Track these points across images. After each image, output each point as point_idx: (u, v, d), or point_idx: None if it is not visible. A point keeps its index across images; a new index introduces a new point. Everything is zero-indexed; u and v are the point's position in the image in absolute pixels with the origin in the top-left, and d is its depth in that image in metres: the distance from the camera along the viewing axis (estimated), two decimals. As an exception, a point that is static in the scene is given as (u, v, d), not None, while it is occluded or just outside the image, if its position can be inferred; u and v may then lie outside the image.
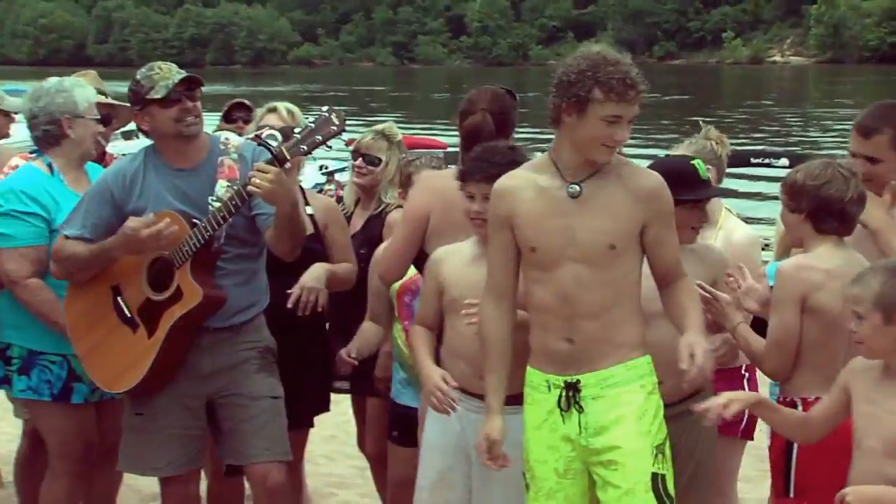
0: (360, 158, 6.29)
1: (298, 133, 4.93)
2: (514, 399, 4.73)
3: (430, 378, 4.83)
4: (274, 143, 5.01)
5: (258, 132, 5.64)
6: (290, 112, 6.13)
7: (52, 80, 5.89)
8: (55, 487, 5.79)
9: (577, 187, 4.32)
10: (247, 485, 5.62)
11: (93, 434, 5.74)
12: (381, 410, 6.15)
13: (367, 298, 5.79)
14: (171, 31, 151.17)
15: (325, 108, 5.01)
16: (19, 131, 6.42)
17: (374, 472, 6.72)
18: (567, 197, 4.33)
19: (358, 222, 6.34)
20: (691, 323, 4.35)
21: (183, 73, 5.13)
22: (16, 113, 6.69)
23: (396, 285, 5.73)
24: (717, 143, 5.97)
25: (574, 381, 4.35)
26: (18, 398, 5.99)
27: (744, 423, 5.95)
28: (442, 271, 4.95)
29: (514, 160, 4.76)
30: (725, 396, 4.26)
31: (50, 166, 5.68)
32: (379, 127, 6.44)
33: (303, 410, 5.89)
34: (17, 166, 6.02)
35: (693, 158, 5.04)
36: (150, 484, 6.41)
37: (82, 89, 5.77)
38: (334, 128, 4.91)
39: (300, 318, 5.61)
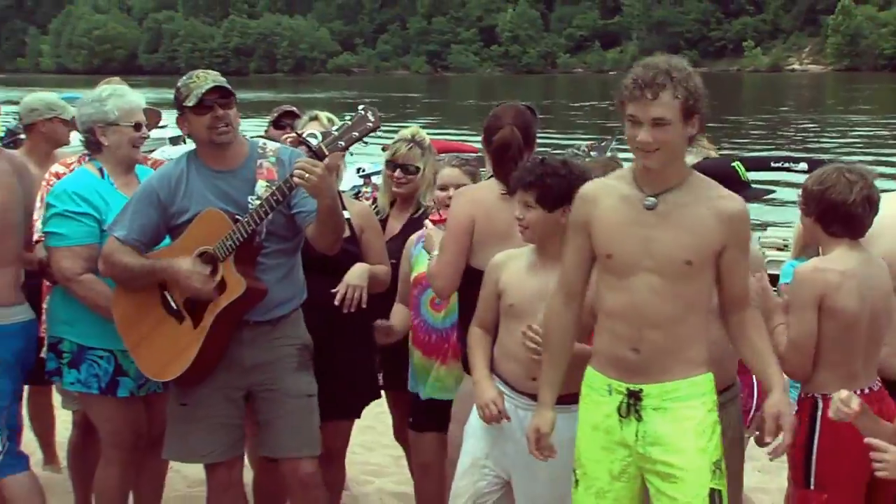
0: (398, 169, 6.21)
1: (336, 130, 4.97)
2: (562, 399, 4.76)
3: (485, 392, 4.84)
4: (314, 141, 5.03)
5: (299, 132, 5.68)
6: (330, 120, 6.15)
7: (95, 90, 5.92)
8: (108, 474, 5.84)
9: (654, 199, 4.22)
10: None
11: (141, 424, 5.76)
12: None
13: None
14: (217, 41, 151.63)
15: (360, 107, 5.04)
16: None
17: (409, 460, 6.77)
18: (645, 209, 4.24)
19: (396, 225, 6.28)
20: (774, 379, 4.29)
21: (212, 83, 5.12)
22: None
23: (412, 274, 5.81)
24: (713, 152, 5.96)
25: (637, 389, 4.26)
26: (69, 390, 6.03)
27: (751, 415, 5.94)
28: (501, 276, 4.91)
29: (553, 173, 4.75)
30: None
31: (101, 170, 5.70)
32: (408, 134, 6.35)
33: (353, 401, 5.96)
34: (57, 174, 6.09)
35: (734, 160, 5.00)
36: (196, 470, 6.43)
37: (118, 98, 5.74)
38: (370, 124, 4.94)
39: (347, 315, 5.62)
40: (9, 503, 5.58)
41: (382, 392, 6.41)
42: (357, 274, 5.61)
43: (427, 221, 5.76)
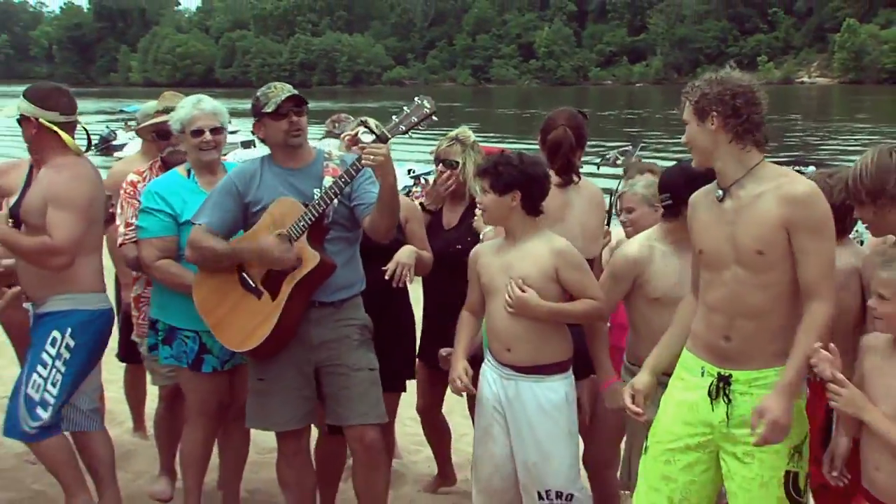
0: (441, 164, 6.26)
1: (396, 118, 5.03)
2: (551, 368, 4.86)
3: (455, 368, 5.01)
4: (375, 129, 5.12)
5: (362, 119, 5.74)
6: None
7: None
8: (193, 438, 5.94)
9: (721, 192, 4.20)
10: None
11: (224, 396, 5.85)
12: (434, 379, 6.32)
13: (459, 281, 5.68)
14: (284, 56, 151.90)
15: (417, 97, 5.10)
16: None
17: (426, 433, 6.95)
18: (717, 202, 4.23)
19: (453, 218, 6.26)
20: (791, 365, 4.08)
21: (288, 93, 5.23)
22: None
23: None
24: None
25: (727, 374, 4.22)
26: (157, 368, 6.19)
27: None
28: (479, 261, 5.06)
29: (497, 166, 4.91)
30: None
31: (188, 171, 5.82)
32: (453, 133, 6.40)
33: (398, 377, 6.01)
34: (132, 182, 6.17)
35: None
36: (265, 437, 6.48)
37: (177, 112, 5.85)
38: (426, 110, 5.00)
39: (392, 302, 5.74)
40: (85, 451, 5.78)
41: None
42: (406, 253, 5.65)
43: (478, 209, 5.79)
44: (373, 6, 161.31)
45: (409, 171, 20.04)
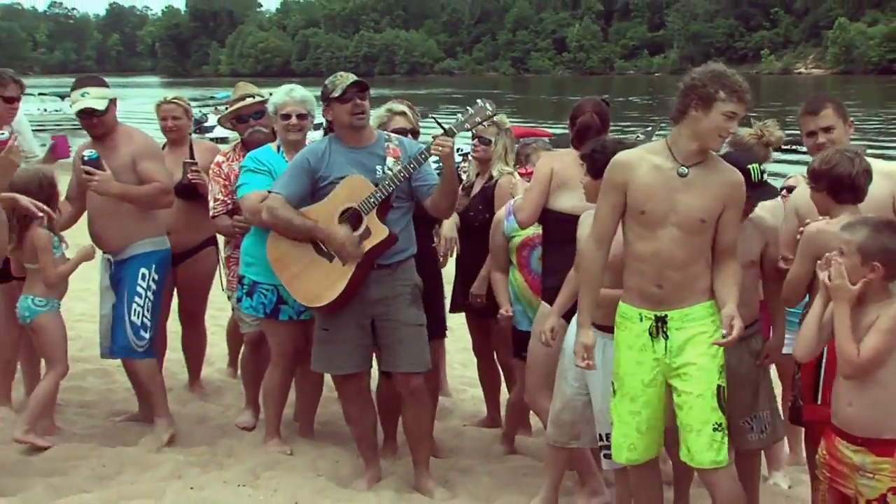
0: (476, 140, 6.36)
1: (462, 116, 5.11)
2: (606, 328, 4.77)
3: (547, 321, 5.00)
4: (445, 125, 5.15)
5: (431, 114, 5.80)
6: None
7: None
8: (273, 376, 6.03)
9: (686, 170, 4.27)
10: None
11: (300, 342, 5.89)
12: (475, 324, 6.58)
13: (482, 242, 6.01)
14: (350, 50, 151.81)
15: (479, 99, 5.20)
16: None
17: (479, 370, 6.98)
18: (676, 176, 4.28)
19: (476, 188, 6.40)
20: (731, 300, 4.32)
21: (353, 79, 5.26)
22: None
23: (518, 240, 5.81)
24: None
25: (662, 315, 4.34)
26: (242, 318, 6.28)
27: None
28: (579, 234, 4.94)
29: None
30: None
31: (278, 147, 5.92)
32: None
33: (441, 325, 6.08)
34: (218, 162, 6.29)
35: (751, 162, 4.89)
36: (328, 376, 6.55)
37: (275, 96, 5.95)
38: (488, 112, 5.16)
39: (431, 263, 5.88)
40: (138, 374, 6.13)
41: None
42: (448, 227, 5.94)
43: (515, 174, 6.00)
44: (426, 6, 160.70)
45: (458, 149, 20.01)
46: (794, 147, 19.19)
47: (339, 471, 5.74)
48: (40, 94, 53.21)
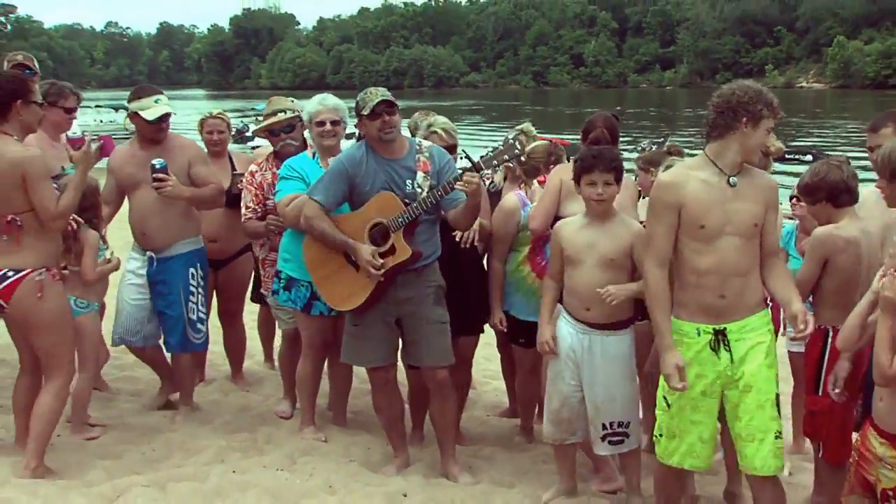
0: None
1: (492, 152, 5.02)
2: (616, 325, 4.75)
3: (543, 334, 4.98)
4: (474, 158, 5.07)
5: (463, 151, 5.66)
6: (446, 131, 5.98)
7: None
8: (304, 366, 6.08)
9: (736, 179, 4.20)
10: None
11: (329, 335, 5.94)
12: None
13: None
14: (381, 64, 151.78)
15: (510, 136, 5.17)
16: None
17: (503, 366, 6.91)
18: (727, 186, 4.19)
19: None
20: (795, 297, 4.26)
21: (381, 97, 5.20)
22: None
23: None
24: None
25: (721, 328, 4.24)
26: (279, 314, 6.32)
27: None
28: (562, 237, 4.94)
29: (619, 159, 4.88)
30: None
31: (314, 154, 5.95)
32: (520, 126, 6.47)
33: (475, 322, 6.01)
34: (251, 171, 6.30)
35: None
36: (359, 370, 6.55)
37: (309, 105, 5.97)
38: (517, 151, 5.05)
39: (466, 267, 5.80)
40: (181, 365, 6.31)
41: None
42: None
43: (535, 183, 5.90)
44: (453, 24, 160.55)
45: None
46: (798, 158, 19.14)
47: (370, 457, 5.75)
48: (97, 105, 54.44)
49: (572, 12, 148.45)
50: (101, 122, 47.26)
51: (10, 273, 4.85)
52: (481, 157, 5.04)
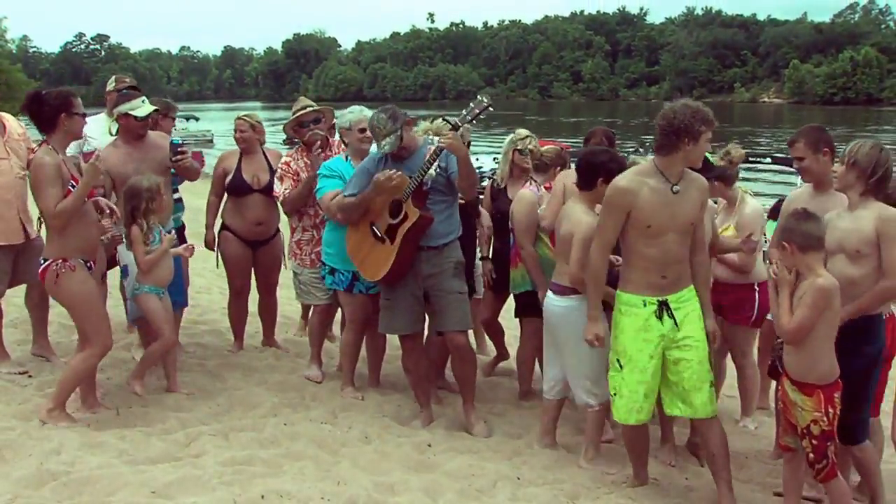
0: (518, 152, 6.11)
1: (465, 111, 5.03)
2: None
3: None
4: (452, 120, 5.13)
5: (444, 116, 5.70)
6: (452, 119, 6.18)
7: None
8: (348, 337, 6.08)
9: (678, 187, 4.23)
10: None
11: (369, 311, 5.92)
12: (495, 296, 6.49)
13: (500, 232, 6.08)
14: (410, 80, 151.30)
15: (479, 95, 5.14)
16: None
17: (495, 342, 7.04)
18: (671, 193, 4.23)
19: (514, 191, 6.08)
20: (707, 310, 4.45)
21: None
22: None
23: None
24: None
25: (664, 299, 4.29)
26: (329, 288, 6.15)
27: (754, 315, 5.79)
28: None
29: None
30: None
31: (346, 157, 5.92)
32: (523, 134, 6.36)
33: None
34: (286, 161, 6.26)
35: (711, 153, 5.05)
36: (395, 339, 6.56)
37: (350, 115, 5.92)
38: (484, 104, 5.00)
39: (469, 245, 5.93)
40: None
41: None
42: (487, 217, 6.18)
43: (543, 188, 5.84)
44: (471, 46, 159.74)
45: (495, 158, 19.87)
46: (758, 160, 18.96)
47: (400, 413, 5.76)
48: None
49: (572, 36, 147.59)
50: (175, 129, 47.49)
51: (42, 261, 4.94)
52: (457, 116, 5.03)
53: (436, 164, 5.07)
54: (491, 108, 5.01)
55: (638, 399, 4.41)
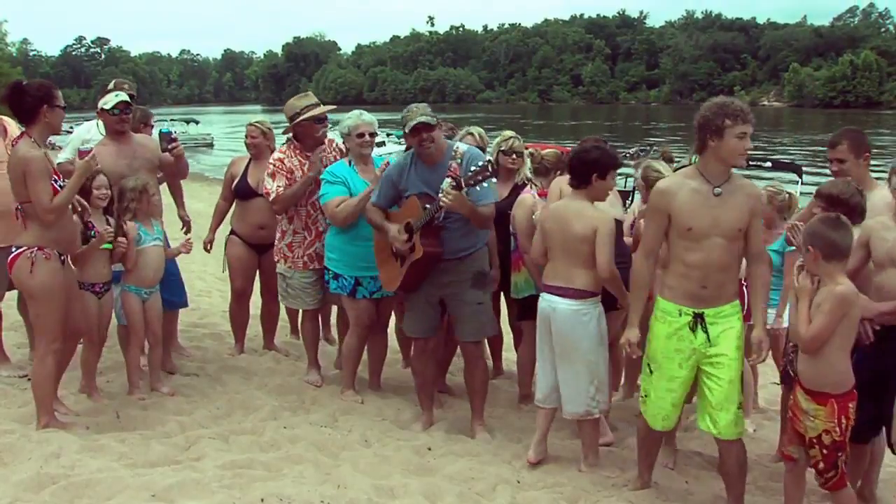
0: (514, 154, 6.05)
1: (472, 171, 4.87)
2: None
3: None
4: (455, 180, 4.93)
5: (452, 170, 5.53)
6: (480, 136, 6.27)
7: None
8: (351, 341, 6.05)
9: (720, 189, 4.11)
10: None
11: (371, 315, 5.94)
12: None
13: (501, 234, 5.84)
14: (410, 84, 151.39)
15: (487, 158, 5.11)
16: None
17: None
18: (713, 195, 4.12)
19: (503, 191, 6.01)
20: (760, 323, 4.23)
21: (419, 120, 5.11)
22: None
23: None
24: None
25: (701, 312, 4.18)
26: (333, 292, 6.08)
27: (743, 311, 5.76)
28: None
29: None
30: None
31: (349, 161, 5.89)
32: (509, 135, 6.25)
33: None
34: (279, 158, 6.14)
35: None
36: (394, 343, 6.51)
37: (349, 119, 5.88)
38: (488, 173, 4.87)
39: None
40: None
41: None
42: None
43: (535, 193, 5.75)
44: (471, 49, 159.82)
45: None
46: (758, 164, 18.91)
47: (400, 416, 5.75)
48: (171, 119, 55.58)
49: (572, 40, 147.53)
50: (175, 132, 47.60)
51: (14, 248, 4.88)
52: (462, 177, 4.91)
53: (441, 212, 5.04)
54: (494, 179, 4.98)
55: (665, 406, 4.37)
